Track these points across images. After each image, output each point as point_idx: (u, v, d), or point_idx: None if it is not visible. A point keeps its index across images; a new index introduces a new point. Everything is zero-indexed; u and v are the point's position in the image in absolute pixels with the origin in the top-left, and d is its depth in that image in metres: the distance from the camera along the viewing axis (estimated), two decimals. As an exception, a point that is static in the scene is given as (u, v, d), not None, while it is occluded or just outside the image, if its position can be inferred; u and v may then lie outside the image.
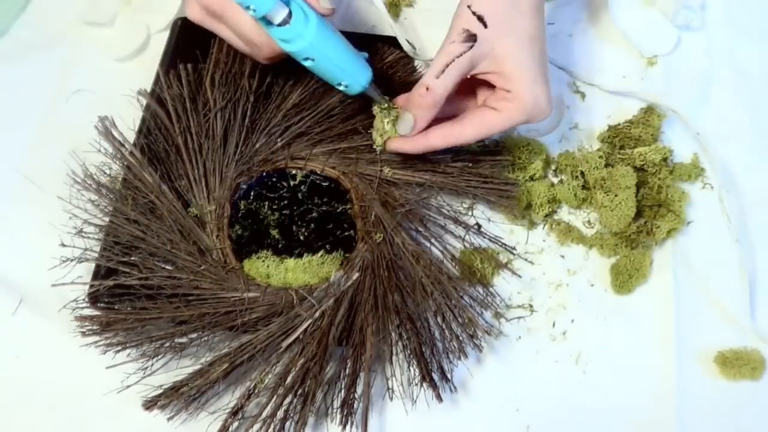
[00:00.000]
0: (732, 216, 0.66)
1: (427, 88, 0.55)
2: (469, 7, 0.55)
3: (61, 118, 0.66)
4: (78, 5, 0.70)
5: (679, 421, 0.59)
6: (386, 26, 0.68)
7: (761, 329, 0.62)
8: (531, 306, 0.62)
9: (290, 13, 0.54)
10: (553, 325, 0.62)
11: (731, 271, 0.65)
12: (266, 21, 0.54)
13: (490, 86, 0.58)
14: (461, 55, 0.55)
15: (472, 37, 0.54)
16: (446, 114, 0.59)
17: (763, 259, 0.66)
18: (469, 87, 0.60)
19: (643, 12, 0.73)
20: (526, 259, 0.64)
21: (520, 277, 0.62)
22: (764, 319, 0.63)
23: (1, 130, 0.66)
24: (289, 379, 0.54)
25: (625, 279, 0.63)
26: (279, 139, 0.63)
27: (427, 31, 0.72)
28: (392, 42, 0.68)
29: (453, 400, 0.59)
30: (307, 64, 0.56)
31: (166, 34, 0.68)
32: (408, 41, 0.68)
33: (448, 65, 0.55)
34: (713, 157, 0.67)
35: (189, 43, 0.66)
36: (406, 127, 0.58)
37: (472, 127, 0.57)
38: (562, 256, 0.65)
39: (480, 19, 0.55)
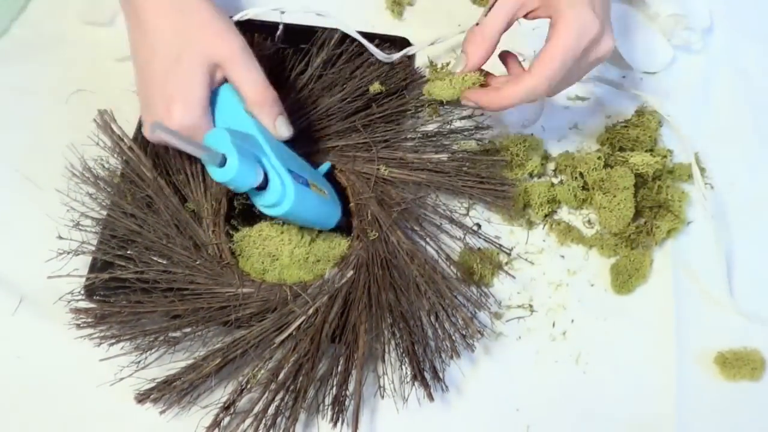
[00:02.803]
0: (707, 194, 0.66)
1: (477, 24, 0.56)
2: None
3: (61, 118, 0.67)
4: (78, 5, 0.71)
5: (679, 421, 0.58)
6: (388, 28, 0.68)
7: (741, 306, 0.63)
8: (531, 306, 0.62)
9: (266, 177, 0.52)
10: (553, 325, 0.62)
11: (732, 271, 0.64)
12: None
13: None
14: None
15: None
16: None
17: (765, 257, 0.65)
18: None
19: (641, 28, 0.73)
20: (525, 259, 0.64)
21: (514, 278, 0.62)
22: (745, 298, 0.64)
23: (1, 130, 0.67)
24: (281, 375, 0.54)
25: (625, 279, 0.62)
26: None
27: (428, 31, 0.72)
28: (392, 41, 0.68)
29: (447, 400, 0.58)
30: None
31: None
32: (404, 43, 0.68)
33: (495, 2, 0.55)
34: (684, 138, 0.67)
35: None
36: (459, 64, 0.57)
37: (538, 68, 0.55)
38: (562, 256, 0.64)
39: None
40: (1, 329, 0.59)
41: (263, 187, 0.51)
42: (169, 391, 0.53)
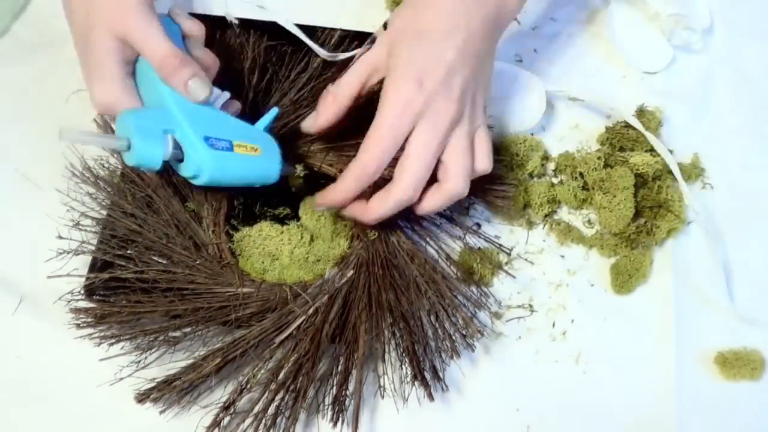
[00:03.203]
0: (702, 204, 0.66)
1: (332, 84, 0.56)
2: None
3: (61, 118, 0.67)
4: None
5: (679, 421, 0.58)
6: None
7: (740, 309, 0.63)
8: (531, 306, 0.62)
9: (180, 147, 0.51)
10: (553, 325, 0.62)
11: (731, 272, 0.64)
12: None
13: None
14: (360, 55, 0.56)
15: (372, 41, 0.55)
16: None
17: (764, 258, 0.65)
18: None
19: (641, 27, 0.73)
20: (525, 259, 0.64)
21: (514, 278, 0.62)
22: (744, 301, 0.63)
23: (1, 130, 0.67)
24: (281, 375, 0.54)
25: (625, 279, 0.62)
26: (277, 136, 0.63)
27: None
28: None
29: (447, 400, 0.58)
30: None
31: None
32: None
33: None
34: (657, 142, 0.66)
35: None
36: (308, 123, 0.58)
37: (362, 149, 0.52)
38: (562, 256, 0.64)
39: (384, 25, 0.55)
40: (1, 329, 0.59)
41: (182, 158, 0.51)
42: (169, 391, 0.53)
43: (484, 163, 0.55)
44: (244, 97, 0.63)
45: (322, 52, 0.64)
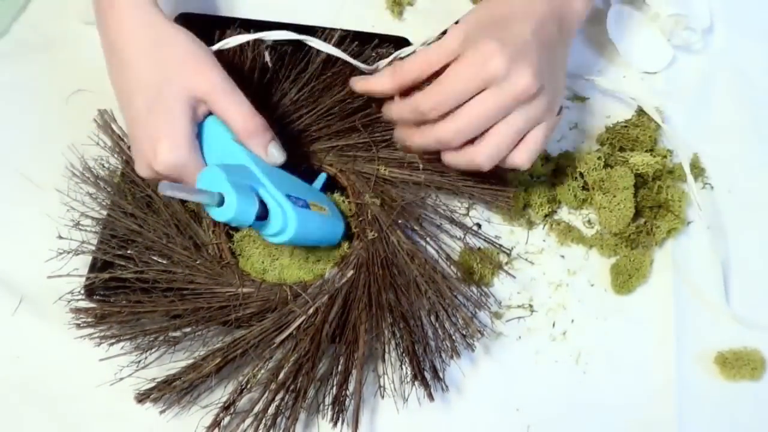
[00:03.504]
0: (702, 204, 0.65)
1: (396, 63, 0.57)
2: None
3: (61, 118, 0.67)
4: (78, 5, 0.70)
5: (679, 421, 0.58)
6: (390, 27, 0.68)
7: (738, 310, 0.63)
8: (531, 306, 0.62)
9: (266, 207, 0.51)
10: (553, 325, 0.62)
11: (731, 272, 0.64)
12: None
13: None
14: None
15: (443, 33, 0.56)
16: None
17: (765, 258, 0.65)
18: None
19: (641, 27, 0.73)
20: (525, 259, 0.64)
21: (514, 278, 0.62)
22: (743, 301, 0.64)
23: (1, 130, 0.67)
24: (281, 375, 0.54)
25: (625, 279, 0.62)
26: (278, 136, 0.63)
27: (428, 31, 0.72)
28: (392, 41, 0.68)
29: (447, 400, 0.58)
30: None
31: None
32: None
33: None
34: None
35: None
36: (358, 81, 0.60)
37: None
38: (562, 256, 0.64)
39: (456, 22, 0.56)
40: (1, 329, 0.59)
41: (264, 217, 0.51)
42: (169, 391, 0.53)
43: (522, 158, 0.55)
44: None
45: (364, 68, 0.64)
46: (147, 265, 0.57)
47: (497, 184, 0.62)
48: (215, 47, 0.60)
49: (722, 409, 0.59)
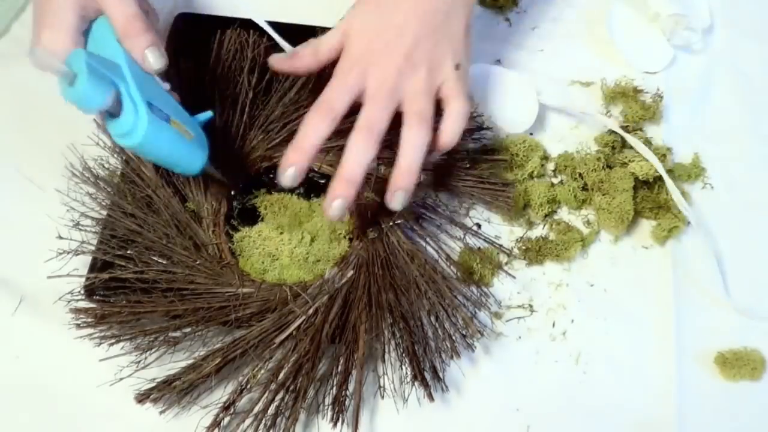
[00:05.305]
0: (702, 204, 0.66)
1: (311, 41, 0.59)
2: None
3: (61, 118, 0.66)
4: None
5: (679, 421, 0.58)
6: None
7: (739, 306, 0.63)
8: (531, 306, 0.62)
9: (120, 102, 0.50)
10: (553, 325, 0.62)
11: (731, 271, 0.64)
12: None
13: None
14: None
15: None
16: None
17: (764, 258, 0.65)
18: None
19: (641, 27, 0.73)
20: (525, 259, 0.64)
21: (514, 278, 0.62)
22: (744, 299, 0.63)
23: (1, 130, 0.67)
24: (281, 375, 0.54)
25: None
26: (277, 136, 0.63)
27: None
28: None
29: (447, 400, 0.58)
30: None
31: (165, 32, 0.68)
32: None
33: None
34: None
35: (188, 39, 0.66)
36: (278, 59, 0.60)
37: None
38: (562, 256, 0.64)
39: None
40: (1, 329, 0.59)
41: (117, 114, 0.50)
42: (169, 391, 0.53)
43: (448, 135, 0.57)
44: (244, 97, 0.63)
45: (289, 48, 0.64)
46: (147, 265, 0.57)
47: (497, 184, 0.62)
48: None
49: (722, 409, 0.59)
